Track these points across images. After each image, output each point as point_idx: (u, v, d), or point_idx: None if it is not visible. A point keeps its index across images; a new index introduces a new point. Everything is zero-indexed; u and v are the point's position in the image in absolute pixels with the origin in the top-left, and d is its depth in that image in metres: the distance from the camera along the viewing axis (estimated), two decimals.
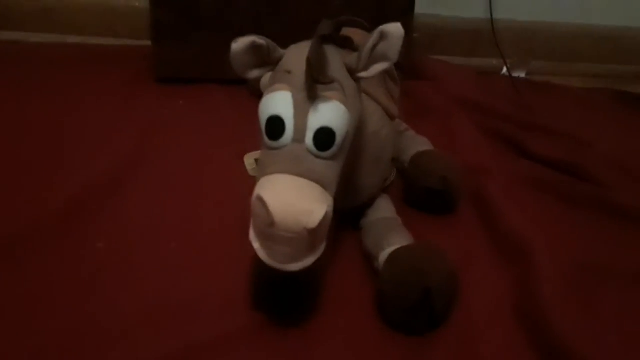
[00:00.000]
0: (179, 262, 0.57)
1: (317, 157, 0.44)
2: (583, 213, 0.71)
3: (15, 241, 0.56)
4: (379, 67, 0.47)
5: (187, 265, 0.56)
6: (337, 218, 0.47)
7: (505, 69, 1.11)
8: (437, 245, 0.53)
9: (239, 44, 0.46)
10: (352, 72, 0.48)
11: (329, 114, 0.44)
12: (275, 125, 0.44)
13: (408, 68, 0.68)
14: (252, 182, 0.45)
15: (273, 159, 0.44)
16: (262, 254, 0.43)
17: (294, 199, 0.42)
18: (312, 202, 0.42)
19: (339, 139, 0.44)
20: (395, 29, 0.45)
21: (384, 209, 0.63)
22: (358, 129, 0.51)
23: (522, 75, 1.10)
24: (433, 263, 0.50)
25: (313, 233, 0.41)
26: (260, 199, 0.41)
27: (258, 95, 0.89)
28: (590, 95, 1.07)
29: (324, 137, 0.44)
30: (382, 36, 0.45)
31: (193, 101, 0.91)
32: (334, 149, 0.45)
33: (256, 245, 0.43)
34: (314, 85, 0.44)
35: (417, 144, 0.73)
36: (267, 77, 0.86)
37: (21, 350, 0.46)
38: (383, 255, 0.54)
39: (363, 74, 0.48)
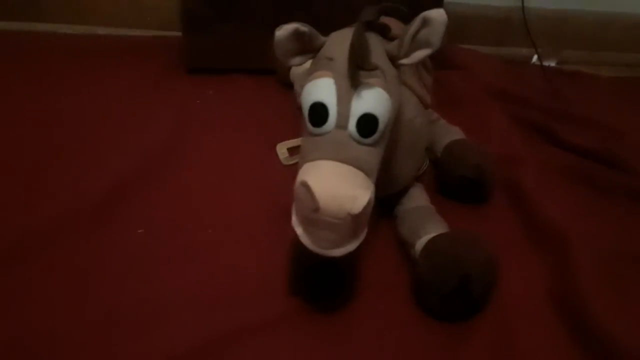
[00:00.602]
0: (216, 249, 0.57)
1: (359, 143, 0.45)
2: (617, 202, 0.70)
3: (54, 230, 0.58)
4: (421, 54, 0.47)
5: (224, 251, 0.57)
6: (375, 206, 0.47)
7: (535, 58, 1.10)
8: (475, 232, 0.53)
9: (283, 31, 0.46)
10: (393, 59, 0.48)
11: (372, 100, 0.44)
12: (319, 112, 0.44)
13: (437, 57, 0.68)
14: (285, 171, 0.45)
15: (316, 145, 0.45)
16: (305, 239, 0.44)
17: (338, 185, 0.42)
18: (356, 188, 0.43)
19: (381, 125, 0.45)
20: (437, 14, 0.45)
21: (418, 198, 0.63)
22: (395, 118, 0.51)
23: (553, 64, 1.08)
24: (471, 250, 0.50)
25: (356, 219, 0.42)
26: (305, 185, 0.41)
27: (287, 85, 0.90)
28: (621, 84, 1.05)
29: (367, 123, 0.44)
30: (425, 22, 0.45)
31: (223, 91, 0.91)
32: (376, 136, 0.45)
33: (299, 230, 0.44)
34: (357, 72, 0.44)
35: (450, 133, 0.73)
36: (297, 67, 0.87)
37: (66, 332, 0.47)
38: (420, 243, 0.54)
39: (404, 61, 0.48)
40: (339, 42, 0.46)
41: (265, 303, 0.51)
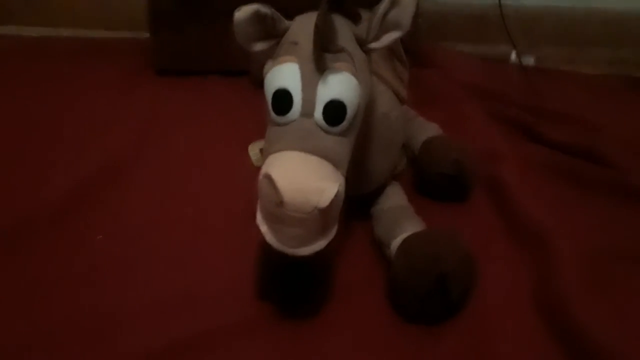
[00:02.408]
0: (182, 252, 0.55)
1: (327, 132, 0.42)
2: (598, 197, 0.68)
3: (12, 235, 0.55)
4: (390, 37, 0.44)
5: (191, 255, 0.54)
6: (347, 205, 0.44)
7: (513, 55, 1.08)
8: (452, 229, 0.50)
9: (242, 13, 0.43)
10: (361, 43, 0.45)
11: (339, 85, 0.41)
12: (282, 99, 0.41)
13: (414, 55, 0.66)
14: (257, 172, 0.42)
15: (280, 135, 0.42)
16: (270, 237, 0.40)
17: (303, 177, 0.39)
18: (323, 180, 0.40)
19: (349, 112, 0.42)
20: None
21: (395, 197, 0.60)
22: (367, 109, 0.49)
23: (531, 62, 1.07)
24: (448, 247, 0.47)
25: (324, 213, 0.39)
26: (268, 177, 0.38)
27: (261, 86, 0.87)
28: (601, 82, 1.04)
29: (334, 110, 0.41)
30: (394, 3, 0.43)
31: (194, 92, 0.89)
32: (344, 124, 0.42)
33: (264, 228, 0.41)
34: (323, 55, 0.41)
35: (428, 129, 0.70)
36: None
37: (20, 340, 0.44)
38: (395, 243, 0.51)
39: (374, 45, 0.45)
40: (304, 26, 0.43)
41: (234, 308, 0.48)
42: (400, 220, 0.54)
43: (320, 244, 0.41)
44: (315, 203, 0.38)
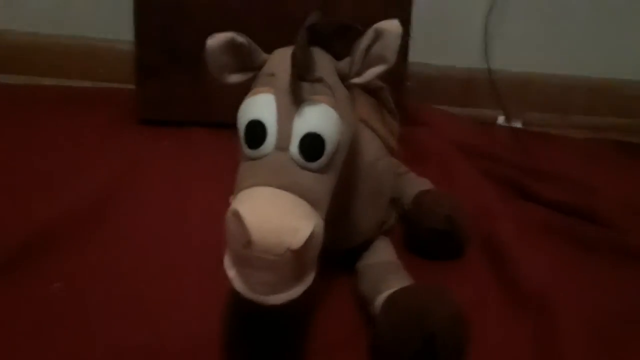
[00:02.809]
0: (149, 302, 0.50)
1: (303, 168, 0.38)
2: (597, 257, 0.65)
3: None
4: (374, 71, 0.41)
5: (159, 305, 0.50)
6: (329, 259, 0.40)
7: (501, 119, 1.08)
8: (440, 285, 0.46)
9: (215, 40, 0.40)
10: (344, 77, 0.42)
11: (317, 117, 0.38)
12: (255, 131, 0.37)
13: (404, 112, 0.65)
14: None
15: (252, 170, 0.38)
16: (238, 283, 0.35)
17: (275, 214, 0.35)
18: (297, 218, 0.35)
19: (328, 147, 0.38)
20: (391, 25, 0.40)
21: (382, 252, 0.56)
22: (352, 155, 0.45)
23: (519, 125, 1.07)
24: (437, 304, 0.42)
25: (298, 256, 0.34)
26: (235, 214, 0.34)
27: None
28: (589, 145, 1.03)
29: (312, 144, 0.37)
30: (377, 35, 0.40)
31: (178, 142, 0.85)
32: (322, 159, 0.38)
33: (231, 273, 0.35)
34: (300, 85, 0.38)
35: (419, 184, 0.68)
36: None
37: None
38: (380, 299, 0.47)
39: (357, 80, 0.42)
40: (281, 57, 0.40)
41: None
42: (386, 275, 0.50)
43: (294, 292, 0.36)
44: (288, 244, 0.34)
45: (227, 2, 0.88)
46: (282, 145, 0.37)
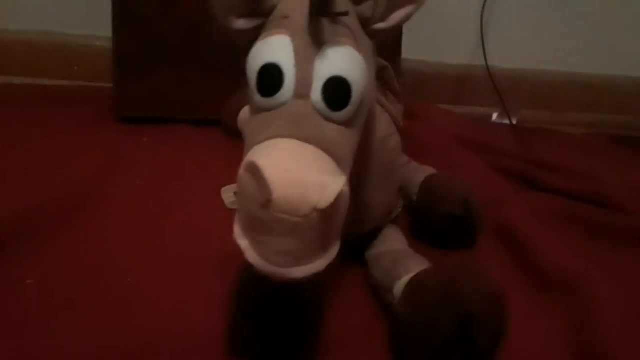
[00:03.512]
0: (132, 302, 0.44)
1: (327, 119, 0.32)
2: (614, 240, 0.62)
3: None
4: (401, 14, 0.37)
5: (144, 304, 0.43)
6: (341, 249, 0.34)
7: (495, 116, 1.05)
8: (473, 260, 0.41)
9: None
10: (365, 23, 0.37)
11: (342, 59, 0.33)
12: (271, 76, 0.32)
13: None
14: (231, 215, 0.32)
15: (268, 121, 0.32)
16: (252, 254, 0.29)
17: (298, 168, 0.29)
18: (325, 173, 0.30)
19: (355, 94, 0.33)
20: None
21: (394, 240, 0.51)
22: (366, 128, 0.40)
23: (514, 122, 1.04)
24: (471, 281, 0.37)
25: (325, 218, 0.29)
26: (252, 167, 0.28)
27: (235, 134, 0.78)
28: (586, 139, 1.01)
29: (337, 89, 0.32)
30: None
31: (159, 139, 0.79)
32: (349, 109, 0.33)
33: (244, 243, 0.30)
34: (321, 24, 0.33)
35: (424, 171, 0.63)
36: (245, 111, 0.76)
37: None
38: (400, 284, 0.41)
39: (381, 25, 0.37)
40: (296, 0, 0.35)
41: None
42: (403, 260, 0.45)
43: (319, 264, 0.30)
44: (315, 202, 0.28)
45: None
46: (303, 91, 0.32)
